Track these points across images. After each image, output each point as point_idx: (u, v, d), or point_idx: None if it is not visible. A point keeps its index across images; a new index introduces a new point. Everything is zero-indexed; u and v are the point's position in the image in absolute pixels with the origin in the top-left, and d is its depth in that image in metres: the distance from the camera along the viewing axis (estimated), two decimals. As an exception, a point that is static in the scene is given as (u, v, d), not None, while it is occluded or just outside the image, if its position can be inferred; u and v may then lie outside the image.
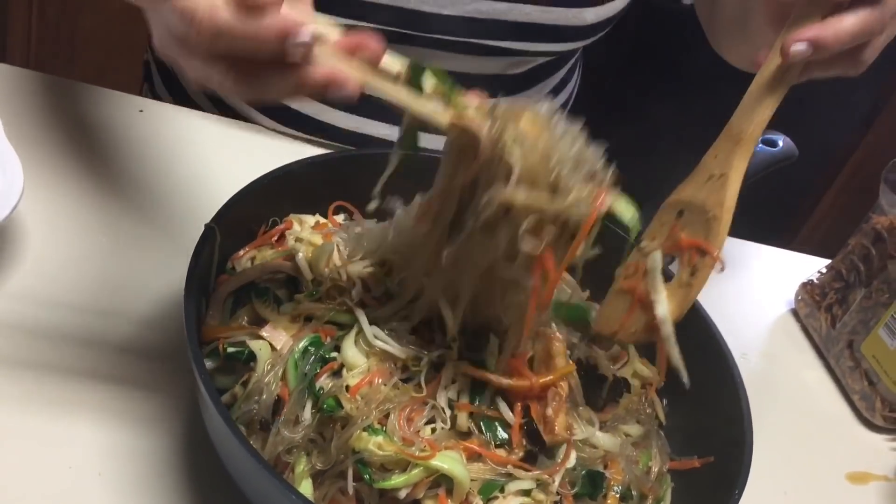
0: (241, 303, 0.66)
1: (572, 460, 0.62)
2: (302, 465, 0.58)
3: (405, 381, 0.61)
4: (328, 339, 0.62)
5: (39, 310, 0.71)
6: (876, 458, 0.86)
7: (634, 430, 0.68)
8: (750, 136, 0.60)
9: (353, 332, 0.62)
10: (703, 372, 0.71)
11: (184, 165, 0.87)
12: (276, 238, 0.71)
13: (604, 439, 0.65)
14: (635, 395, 0.70)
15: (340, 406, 0.58)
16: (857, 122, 1.97)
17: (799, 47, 0.58)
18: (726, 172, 0.60)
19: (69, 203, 0.80)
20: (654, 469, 0.67)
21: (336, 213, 0.76)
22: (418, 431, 0.58)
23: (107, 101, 0.91)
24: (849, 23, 0.59)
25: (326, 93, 0.52)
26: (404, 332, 0.62)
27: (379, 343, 0.61)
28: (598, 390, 0.70)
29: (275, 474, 0.52)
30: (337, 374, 0.61)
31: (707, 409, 0.70)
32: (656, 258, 0.62)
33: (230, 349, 0.62)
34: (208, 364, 0.62)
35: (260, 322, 0.64)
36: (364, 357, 0.61)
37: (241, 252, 0.70)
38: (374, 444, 0.56)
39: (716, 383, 0.69)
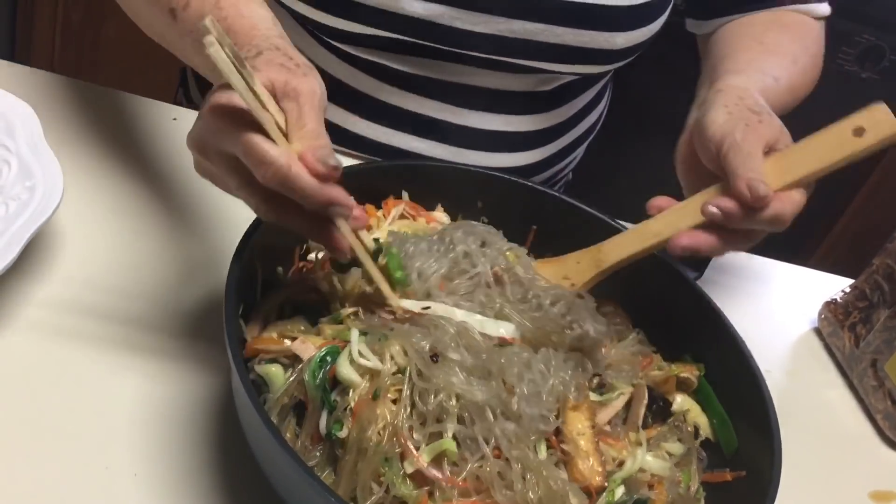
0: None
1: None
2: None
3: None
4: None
5: (76, 314, 0.72)
6: (899, 477, 0.86)
7: (676, 448, 0.69)
8: (607, 269, 0.72)
9: (346, 350, 0.62)
10: (732, 387, 0.72)
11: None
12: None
13: (652, 463, 0.65)
14: (679, 413, 0.71)
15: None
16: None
17: (678, 251, 0.67)
18: (576, 283, 0.72)
19: (106, 207, 0.81)
20: (693, 487, 0.68)
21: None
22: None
23: (141, 108, 0.93)
24: (717, 244, 0.67)
25: (327, 248, 0.62)
26: None
27: (362, 360, 0.61)
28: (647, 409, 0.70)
29: (308, 471, 0.53)
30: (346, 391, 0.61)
31: (736, 425, 0.71)
32: None
33: (256, 370, 0.64)
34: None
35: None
36: (358, 376, 0.61)
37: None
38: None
39: (745, 397, 0.70)
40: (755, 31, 0.93)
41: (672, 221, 0.68)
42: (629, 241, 0.71)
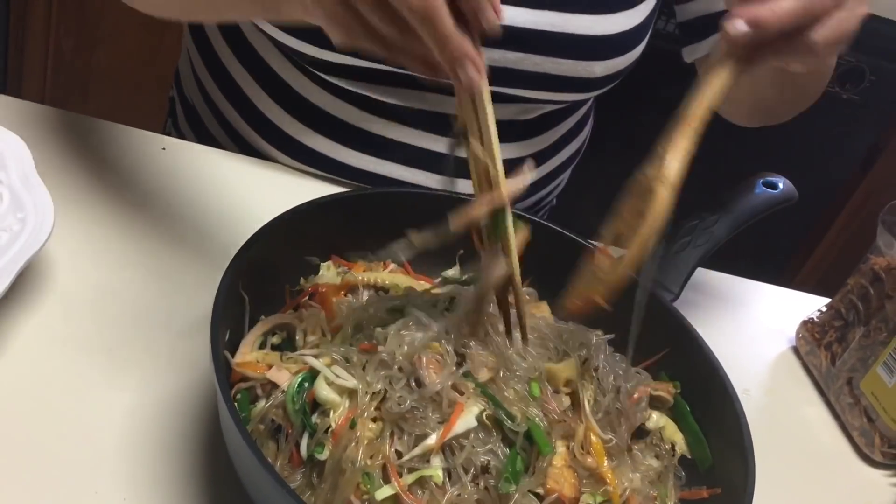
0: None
1: None
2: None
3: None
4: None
5: (66, 342, 0.73)
6: (875, 493, 0.88)
7: (655, 464, 0.70)
8: (693, 116, 0.62)
9: (321, 374, 0.64)
10: (707, 405, 0.74)
11: (206, 201, 0.90)
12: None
13: (634, 479, 0.67)
14: (655, 430, 0.72)
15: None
16: (855, 165, 2.01)
17: (737, 25, 0.59)
18: (666, 149, 0.62)
19: (96, 238, 0.83)
20: (669, 503, 0.69)
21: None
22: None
23: (131, 139, 0.95)
24: (787, 1, 0.60)
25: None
26: None
27: (339, 381, 0.63)
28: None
29: (293, 494, 0.54)
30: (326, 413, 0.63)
31: (712, 442, 0.73)
32: None
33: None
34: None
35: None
36: (337, 395, 0.63)
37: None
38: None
39: (720, 417, 0.72)
40: None
41: (706, 94, 0.63)
42: (681, 136, 0.63)
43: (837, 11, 0.62)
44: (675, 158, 0.62)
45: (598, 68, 0.94)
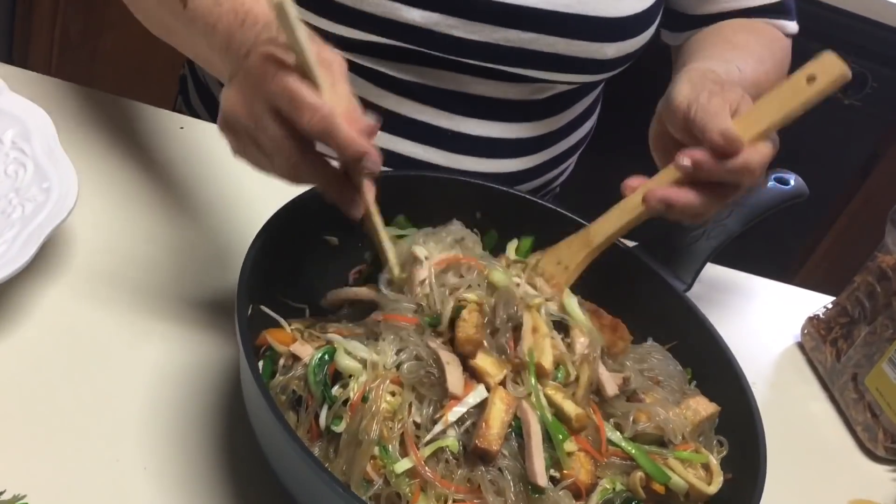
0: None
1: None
2: None
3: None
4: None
5: (89, 310, 0.74)
6: (878, 487, 0.89)
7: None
8: (597, 247, 0.76)
9: (341, 346, 0.65)
10: (717, 394, 0.75)
11: (223, 179, 0.91)
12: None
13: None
14: None
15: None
16: (856, 169, 2.03)
17: (653, 202, 0.72)
18: (570, 266, 0.76)
19: (117, 210, 0.84)
20: None
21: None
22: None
23: (150, 117, 0.95)
24: (692, 198, 0.71)
25: (343, 208, 0.65)
26: None
27: (361, 353, 0.64)
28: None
29: (316, 460, 0.55)
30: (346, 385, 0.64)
31: (722, 431, 0.74)
32: None
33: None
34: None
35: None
36: (358, 363, 0.64)
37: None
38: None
39: (731, 406, 0.73)
40: (725, 32, 1.00)
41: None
42: (614, 218, 0.75)
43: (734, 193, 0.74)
44: (575, 272, 0.76)
45: (610, 50, 0.96)
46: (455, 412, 0.62)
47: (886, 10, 1.78)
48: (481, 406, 0.63)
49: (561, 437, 0.64)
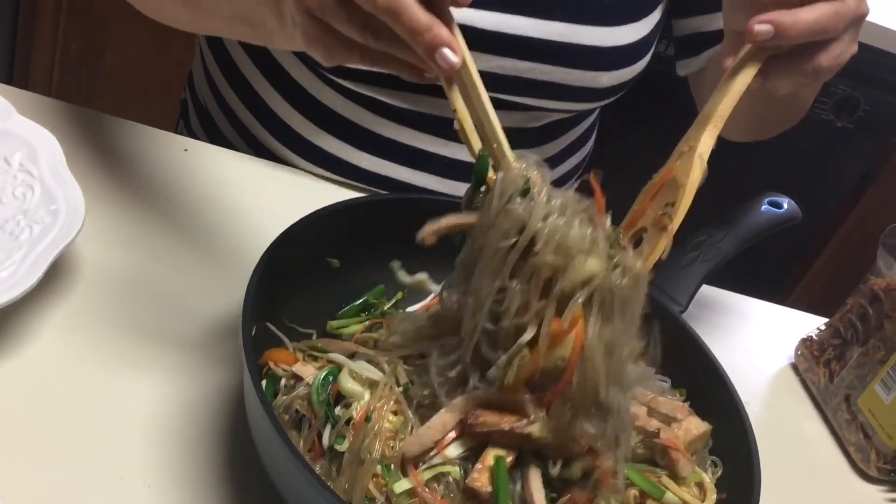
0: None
1: None
2: None
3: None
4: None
5: (95, 331, 0.75)
6: (870, 507, 0.90)
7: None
8: (717, 115, 0.67)
9: (346, 367, 0.67)
10: (712, 414, 0.76)
11: (227, 202, 0.92)
12: None
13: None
14: None
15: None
16: (848, 191, 2.05)
17: (762, 27, 0.64)
18: (693, 145, 0.66)
19: (123, 232, 0.85)
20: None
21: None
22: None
23: (154, 139, 0.97)
24: (807, 13, 0.65)
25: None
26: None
27: (365, 373, 0.66)
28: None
29: (320, 480, 0.56)
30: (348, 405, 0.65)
31: (716, 451, 0.75)
32: None
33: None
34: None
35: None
36: (360, 387, 0.65)
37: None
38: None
39: (725, 426, 0.74)
40: None
41: (729, 95, 0.67)
42: (707, 134, 0.67)
43: (839, 44, 0.68)
44: (702, 152, 0.66)
45: (605, 78, 0.97)
46: (453, 448, 0.63)
47: (879, 34, 1.81)
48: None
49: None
